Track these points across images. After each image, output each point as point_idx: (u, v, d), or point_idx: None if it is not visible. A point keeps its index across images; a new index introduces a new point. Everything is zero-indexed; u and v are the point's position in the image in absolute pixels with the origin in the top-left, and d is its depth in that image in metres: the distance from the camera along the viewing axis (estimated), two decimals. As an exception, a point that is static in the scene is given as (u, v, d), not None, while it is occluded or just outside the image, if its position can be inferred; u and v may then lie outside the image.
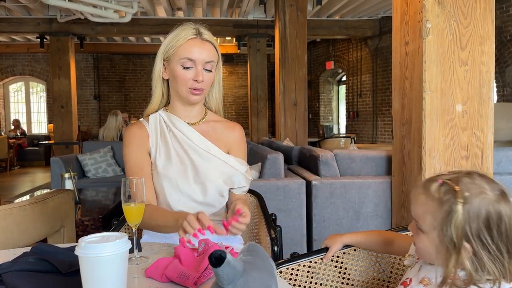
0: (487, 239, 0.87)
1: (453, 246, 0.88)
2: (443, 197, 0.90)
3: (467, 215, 0.88)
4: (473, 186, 0.90)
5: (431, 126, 2.10)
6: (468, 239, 0.88)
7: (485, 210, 0.88)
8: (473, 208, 0.88)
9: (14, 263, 1.01)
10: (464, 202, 0.88)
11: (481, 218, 0.88)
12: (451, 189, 0.90)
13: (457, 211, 0.88)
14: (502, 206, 0.88)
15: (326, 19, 8.21)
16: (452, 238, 0.88)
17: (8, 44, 10.20)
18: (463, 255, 0.88)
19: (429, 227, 0.93)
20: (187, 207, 1.38)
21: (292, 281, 1.22)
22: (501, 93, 6.50)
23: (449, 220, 0.88)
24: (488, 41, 2.09)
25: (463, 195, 0.88)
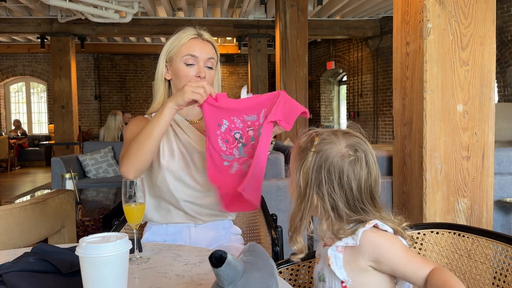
0: (329, 190, 0.93)
1: (300, 191, 0.96)
2: (303, 145, 0.97)
3: (313, 163, 0.94)
4: (330, 139, 0.95)
5: (432, 126, 2.09)
6: (311, 186, 0.94)
7: (329, 162, 0.93)
8: (320, 158, 0.94)
9: (14, 263, 1.01)
10: (314, 151, 0.95)
11: (324, 168, 0.93)
12: (311, 139, 0.97)
13: (307, 158, 0.95)
14: (345, 162, 0.93)
15: (326, 19, 8.20)
16: (299, 183, 0.95)
17: (9, 45, 10.21)
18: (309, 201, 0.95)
19: (292, 172, 1.00)
20: (190, 196, 1.41)
21: (292, 281, 1.22)
22: (502, 93, 6.49)
23: (300, 166, 0.96)
24: (489, 41, 2.08)
25: (316, 144, 0.95)
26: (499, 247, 1.09)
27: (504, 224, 2.82)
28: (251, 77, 8.17)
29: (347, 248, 0.93)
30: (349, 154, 0.94)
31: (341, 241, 0.93)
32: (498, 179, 2.77)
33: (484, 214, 2.12)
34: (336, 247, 0.93)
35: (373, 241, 0.91)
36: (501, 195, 2.79)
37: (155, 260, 1.12)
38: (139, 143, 1.27)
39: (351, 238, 0.92)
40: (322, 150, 0.94)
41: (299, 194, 0.97)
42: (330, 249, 0.94)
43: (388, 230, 0.93)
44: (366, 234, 0.91)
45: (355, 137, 0.97)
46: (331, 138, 0.95)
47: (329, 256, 0.94)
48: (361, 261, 0.92)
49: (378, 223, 0.92)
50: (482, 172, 2.11)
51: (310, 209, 0.96)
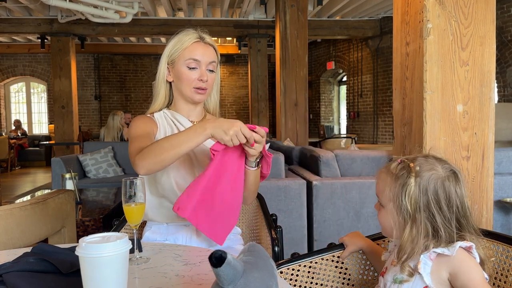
0: (437, 212, 0.98)
1: (408, 216, 0.99)
2: (399, 173, 1.02)
3: (418, 187, 0.99)
4: (425, 163, 1.02)
5: (432, 126, 2.09)
6: (420, 210, 0.98)
7: (433, 184, 0.99)
8: (423, 181, 0.99)
9: (14, 263, 1.01)
10: (415, 176, 0.99)
11: (430, 191, 0.98)
12: (406, 165, 1.02)
13: (409, 183, 0.99)
14: (451, 183, 0.99)
15: (326, 20, 8.21)
16: (407, 208, 0.99)
17: (9, 45, 10.21)
18: (417, 224, 0.99)
19: (387, 200, 1.04)
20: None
21: (292, 281, 1.22)
22: (502, 93, 6.49)
23: (403, 192, 0.99)
24: (489, 41, 2.08)
25: (415, 169, 1.00)
26: (499, 248, 1.09)
27: (504, 224, 2.82)
28: (251, 77, 8.17)
29: (439, 257, 0.97)
30: (449, 175, 1.00)
31: (437, 249, 0.97)
32: (498, 179, 2.77)
33: (484, 214, 2.12)
34: (430, 254, 0.97)
35: (463, 257, 0.96)
36: (501, 195, 2.79)
37: (155, 260, 1.12)
38: (163, 148, 1.24)
39: (447, 248, 0.96)
40: (424, 175, 1.00)
41: (405, 220, 1.00)
42: (424, 254, 0.98)
43: (476, 258, 0.97)
44: (461, 249, 0.96)
45: (444, 161, 1.04)
46: (427, 162, 1.02)
47: (420, 261, 0.98)
48: (443, 272, 0.97)
49: (473, 246, 0.97)
50: (482, 172, 2.11)
51: (423, 232, 1.00)
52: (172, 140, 1.24)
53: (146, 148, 1.27)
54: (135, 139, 1.38)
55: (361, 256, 1.28)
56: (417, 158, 1.03)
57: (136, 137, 1.39)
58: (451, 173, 1.01)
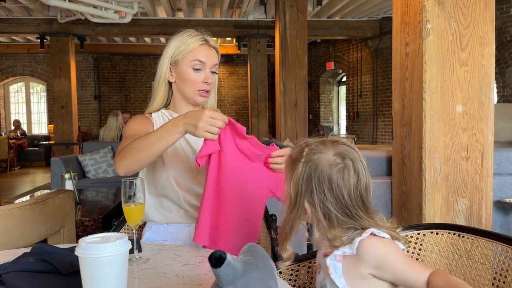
0: (322, 197, 0.95)
1: (290, 201, 0.98)
2: (294, 156, 1.00)
3: (303, 172, 0.96)
4: (317, 147, 0.97)
5: (431, 126, 2.09)
6: (302, 195, 0.96)
7: (319, 171, 0.95)
8: (309, 167, 0.96)
9: (14, 263, 1.01)
10: (304, 161, 0.96)
11: (313, 178, 0.95)
12: (302, 149, 0.99)
13: (297, 168, 0.97)
14: (334, 169, 0.95)
15: (326, 20, 8.21)
16: (290, 192, 0.98)
17: (9, 45, 10.20)
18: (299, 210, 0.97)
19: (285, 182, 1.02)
20: (192, 194, 1.42)
21: (292, 282, 1.22)
22: (501, 93, 6.50)
23: (291, 176, 0.98)
24: (488, 41, 2.09)
25: (304, 154, 0.97)
26: (498, 248, 1.09)
27: (503, 224, 2.82)
28: (250, 77, 8.17)
29: (346, 257, 0.94)
30: (337, 162, 0.96)
31: (338, 250, 0.95)
32: (497, 179, 2.77)
33: (483, 214, 2.12)
34: (334, 257, 0.95)
35: (373, 250, 0.92)
36: (500, 196, 2.79)
37: (155, 260, 1.12)
38: (138, 148, 1.24)
39: (348, 247, 0.93)
40: (312, 159, 0.96)
41: (289, 203, 0.99)
42: (329, 259, 0.96)
43: (385, 237, 0.94)
44: (364, 242, 0.92)
45: (343, 145, 0.98)
46: (319, 147, 0.97)
47: (329, 266, 0.95)
48: (361, 269, 0.93)
49: (374, 231, 0.93)
50: (482, 172, 2.11)
51: (301, 217, 0.98)
52: (146, 139, 1.24)
53: (124, 149, 1.27)
54: (123, 140, 1.38)
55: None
56: (313, 142, 0.99)
57: (125, 138, 1.39)
58: (341, 160, 0.96)
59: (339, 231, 0.95)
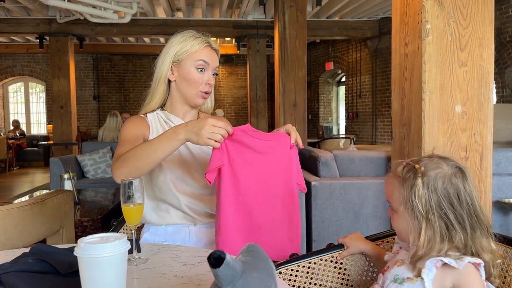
0: (449, 210, 0.97)
1: (422, 217, 0.98)
2: (406, 175, 1.01)
3: (426, 187, 0.98)
4: (430, 162, 1.01)
5: (430, 127, 2.09)
6: (432, 209, 0.98)
7: (441, 182, 0.98)
8: (431, 180, 0.98)
9: (13, 263, 1.01)
10: (422, 176, 0.99)
11: (439, 189, 0.98)
12: (412, 167, 1.02)
13: (417, 184, 0.99)
14: (459, 179, 0.99)
15: (325, 20, 8.21)
16: (419, 209, 0.98)
17: (8, 45, 10.19)
18: (432, 224, 0.98)
19: (397, 204, 1.03)
20: (190, 196, 1.42)
21: (291, 282, 1.22)
22: (501, 94, 6.50)
23: (412, 193, 0.99)
24: (488, 42, 2.09)
25: (421, 170, 1.00)
26: (497, 248, 1.09)
27: (502, 224, 2.83)
28: (250, 77, 8.17)
29: (444, 267, 0.96)
30: (455, 171, 1.00)
31: (446, 258, 0.96)
32: (497, 179, 2.77)
33: (482, 214, 2.12)
34: (437, 261, 0.96)
35: (469, 273, 0.95)
36: (499, 196, 2.79)
37: (154, 261, 1.12)
38: (137, 156, 1.22)
39: (455, 261, 0.95)
40: (430, 174, 0.99)
41: (419, 221, 0.99)
42: (430, 260, 0.97)
43: (482, 276, 0.96)
44: (469, 264, 0.95)
45: (448, 159, 1.03)
46: (432, 161, 1.01)
47: (425, 266, 0.97)
48: (447, 282, 0.96)
49: (482, 264, 0.96)
50: (481, 172, 2.11)
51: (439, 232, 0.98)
52: (146, 147, 1.22)
53: (122, 156, 1.25)
54: (120, 144, 1.37)
55: (360, 256, 1.28)
56: (421, 159, 1.03)
57: (122, 142, 1.38)
58: (457, 169, 1.00)
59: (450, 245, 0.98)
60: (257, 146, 1.25)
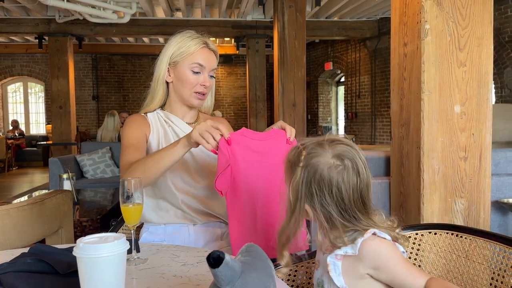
0: (323, 201, 0.93)
1: (289, 206, 0.96)
2: (292, 160, 0.98)
3: (302, 177, 0.94)
4: (316, 151, 0.95)
5: (429, 127, 2.10)
6: (302, 200, 0.94)
7: (318, 175, 0.93)
8: (308, 171, 0.94)
9: (12, 264, 1.00)
10: (302, 166, 0.94)
11: (314, 182, 0.93)
12: (299, 153, 0.96)
13: (296, 173, 0.95)
14: (338, 171, 0.93)
15: (325, 20, 8.21)
16: (289, 198, 0.95)
17: (7, 45, 10.18)
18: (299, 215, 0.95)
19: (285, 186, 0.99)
20: (189, 195, 1.42)
21: (290, 282, 1.22)
22: (499, 94, 6.51)
23: (290, 181, 0.96)
24: (487, 42, 2.09)
25: (303, 158, 0.95)
26: (496, 248, 1.09)
27: (501, 224, 2.83)
28: (249, 77, 8.17)
29: (347, 257, 0.94)
30: (337, 164, 0.93)
31: (340, 250, 0.93)
32: (496, 180, 2.77)
33: (481, 214, 2.12)
34: (336, 256, 0.94)
35: (374, 250, 0.91)
36: (498, 196, 2.79)
37: (153, 261, 1.12)
38: (147, 165, 1.26)
39: (350, 247, 0.92)
40: (310, 164, 0.94)
41: (289, 208, 0.97)
42: (330, 257, 0.95)
43: (386, 238, 0.93)
44: (365, 243, 0.91)
45: (341, 144, 0.96)
46: (317, 150, 0.95)
47: (328, 263, 0.95)
48: (360, 269, 0.92)
49: (376, 231, 0.92)
50: (480, 173, 2.11)
51: (301, 222, 0.96)
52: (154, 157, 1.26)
53: (133, 166, 1.28)
54: (126, 149, 1.39)
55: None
56: (310, 144, 0.96)
57: (127, 147, 1.40)
58: (340, 161, 0.93)
59: (340, 232, 0.94)
60: (257, 147, 1.26)
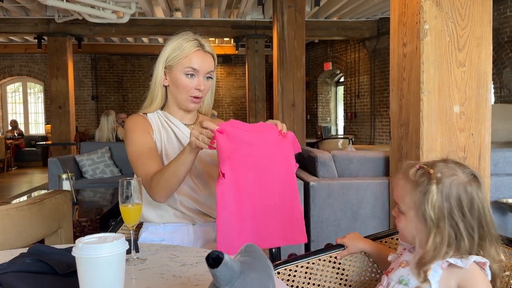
0: (460, 219, 0.96)
1: (432, 224, 0.96)
2: (419, 180, 0.99)
3: (441, 194, 0.96)
4: (446, 169, 0.99)
5: (428, 127, 2.10)
6: (444, 217, 0.96)
7: (456, 191, 0.96)
8: (445, 188, 0.96)
9: (11, 264, 1.00)
10: (437, 183, 0.97)
11: (453, 198, 0.96)
12: (426, 172, 0.99)
13: (431, 191, 0.96)
14: (473, 188, 0.97)
15: (324, 20, 8.21)
16: (430, 216, 0.96)
17: (6, 45, 10.17)
18: (441, 232, 0.96)
19: (407, 207, 1.01)
20: (189, 195, 1.43)
21: (290, 282, 1.22)
22: (498, 94, 6.51)
23: (425, 199, 0.97)
24: (486, 42, 2.09)
25: (436, 176, 0.97)
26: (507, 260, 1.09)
27: (500, 225, 2.83)
28: (248, 78, 8.17)
29: (450, 267, 0.96)
30: (472, 180, 0.98)
31: (451, 259, 0.95)
32: (495, 180, 2.78)
33: (480, 215, 2.12)
34: (443, 262, 0.96)
35: (474, 272, 0.94)
36: (497, 196, 2.80)
37: (152, 261, 1.12)
38: (165, 179, 1.29)
39: (460, 260, 0.94)
40: (445, 181, 0.97)
41: (430, 227, 0.97)
42: (437, 262, 0.96)
43: (488, 275, 0.95)
44: (475, 264, 0.94)
45: (463, 165, 1.01)
46: (447, 167, 0.99)
47: (431, 268, 0.96)
48: (452, 281, 0.95)
49: (487, 263, 0.95)
50: (479, 173, 2.11)
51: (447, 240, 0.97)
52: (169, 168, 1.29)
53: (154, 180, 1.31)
54: (139, 159, 1.39)
55: (359, 256, 1.28)
56: (436, 163, 1.01)
57: (139, 156, 1.40)
58: (472, 177, 0.98)
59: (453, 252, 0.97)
60: (247, 138, 1.26)
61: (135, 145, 1.42)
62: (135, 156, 1.40)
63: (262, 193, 1.29)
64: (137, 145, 1.42)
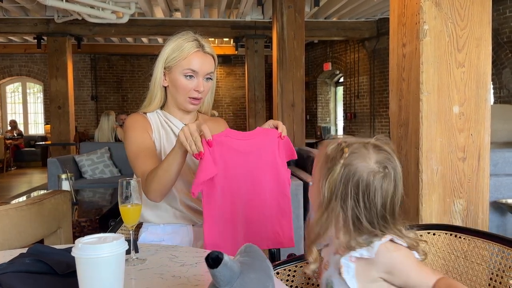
0: (352, 205, 0.92)
1: (323, 201, 0.94)
2: (331, 154, 0.95)
3: (341, 175, 0.93)
4: (360, 152, 0.94)
5: (428, 127, 2.10)
6: (336, 198, 0.93)
7: (358, 177, 0.92)
8: (348, 171, 0.92)
9: (10, 264, 1.00)
10: (343, 163, 0.93)
11: (351, 183, 0.92)
12: (341, 149, 0.95)
13: (335, 169, 0.93)
14: (377, 178, 0.92)
15: (323, 21, 8.21)
16: (324, 193, 0.94)
17: (5, 45, 10.17)
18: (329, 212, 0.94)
19: (315, 179, 0.98)
20: (188, 195, 1.43)
21: (289, 282, 1.22)
22: (498, 94, 6.52)
23: (327, 175, 0.94)
24: (485, 43, 2.09)
25: (346, 156, 0.93)
26: (495, 248, 1.10)
27: (500, 225, 2.83)
28: (248, 78, 8.17)
29: (360, 259, 0.93)
30: (379, 170, 0.93)
31: (356, 252, 0.93)
32: (494, 180, 2.78)
33: (480, 215, 2.12)
34: (350, 257, 0.94)
35: (390, 255, 0.91)
36: (496, 196, 2.80)
37: (152, 261, 1.12)
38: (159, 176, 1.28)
39: (366, 250, 0.92)
40: (352, 163, 0.93)
41: (321, 204, 0.95)
42: (344, 258, 0.95)
43: (403, 245, 0.93)
44: (382, 247, 0.91)
45: (384, 152, 0.95)
46: (361, 151, 0.94)
47: (342, 264, 0.94)
48: (373, 272, 0.92)
49: (394, 237, 0.93)
50: (478, 173, 2.11)
51: (333, 220, 0.95)
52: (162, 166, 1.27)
53: (148, 178, 1.30)
54: (138, 158, 1.39)
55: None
56: (355, 144, 0.95)
57: (138, 155, 1.40)
58: (383, 169, 0.93)
59: (358, 234, 0.94)
60: (240, 147, 1.28)
61: (134, 144, 1.42)
62: (133, 154, 1.40)
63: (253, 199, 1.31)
64: (136, 144, 1.42)
